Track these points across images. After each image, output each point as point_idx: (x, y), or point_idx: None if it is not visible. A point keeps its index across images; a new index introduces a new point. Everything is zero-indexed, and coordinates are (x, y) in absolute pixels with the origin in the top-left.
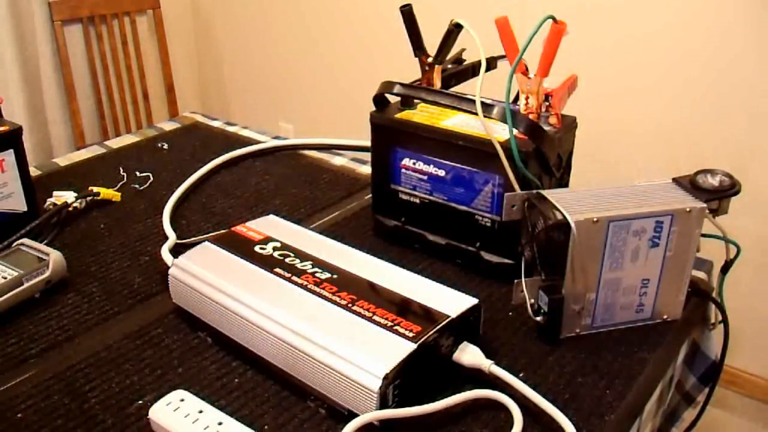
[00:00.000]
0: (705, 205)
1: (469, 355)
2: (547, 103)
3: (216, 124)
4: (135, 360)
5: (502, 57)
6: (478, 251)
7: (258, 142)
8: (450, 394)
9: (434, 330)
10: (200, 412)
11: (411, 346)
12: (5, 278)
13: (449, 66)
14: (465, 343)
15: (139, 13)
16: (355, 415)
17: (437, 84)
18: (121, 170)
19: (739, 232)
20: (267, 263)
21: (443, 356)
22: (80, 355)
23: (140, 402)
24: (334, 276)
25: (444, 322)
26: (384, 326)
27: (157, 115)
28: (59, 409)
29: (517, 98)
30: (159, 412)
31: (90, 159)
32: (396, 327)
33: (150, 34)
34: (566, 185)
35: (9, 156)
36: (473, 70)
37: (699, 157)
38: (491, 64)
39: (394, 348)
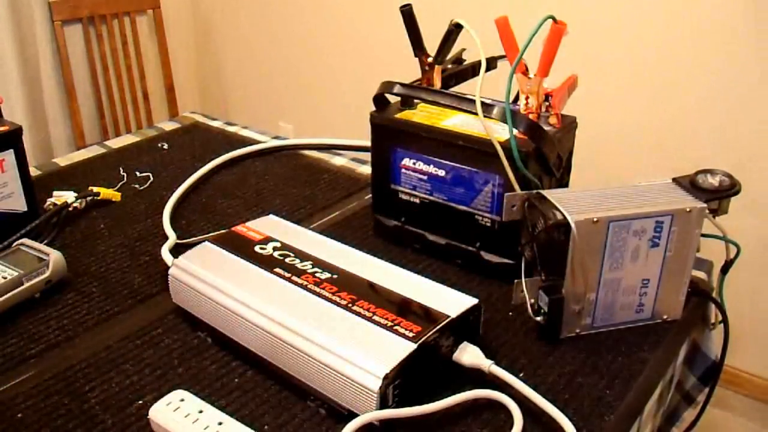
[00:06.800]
0: (705, 205)
1: (469, 355)
2: (547, 103)
3: (216, 124)
4: (135, 360)
5: (502, 57)
6: (478, 251)
7: (258, 142)
8: (450, 394)
9: (434, 330)
10: (200, 412)
11: (411, 346)
12: (5, 278)
13: (449, 66)
14: (465, 343)
15: (139, 13)
16: (355, 415)
17: (437, 84)
18: (121, 170)
19: (739, 232)
20: (267, 263)
21: (443, 356)
22: (80, 355)
23: (140, 402)
24: (334, 276)
25: (444, 322)
26: (384, 326)
27: (157, 115)
28: (59, 409)
29: (517, 98)
30: (159, 412)
31: (90, 159)
32: (396, 327)
33: (150, 34)
34: (566, 185)
35: (9, 156)
36: (473, 70)
37: (699, 157)
38: (491, 64)
39: (394, 348)
